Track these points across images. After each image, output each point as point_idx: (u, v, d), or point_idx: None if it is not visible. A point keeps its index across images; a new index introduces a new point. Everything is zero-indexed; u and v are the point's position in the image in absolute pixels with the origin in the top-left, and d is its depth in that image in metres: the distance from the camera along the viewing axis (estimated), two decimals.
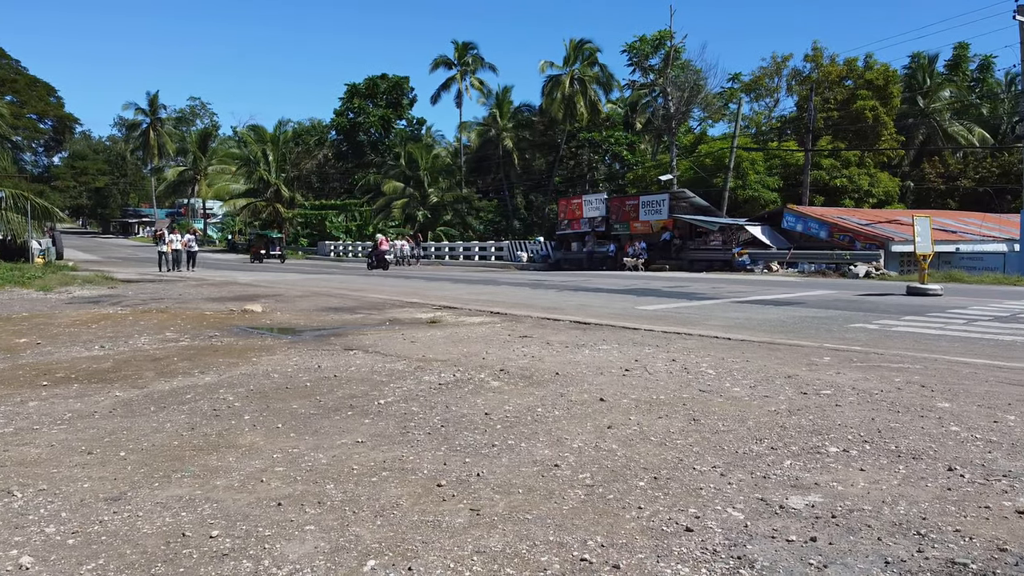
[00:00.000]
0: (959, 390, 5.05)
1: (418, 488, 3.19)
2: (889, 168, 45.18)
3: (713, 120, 54.02)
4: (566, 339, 7.79)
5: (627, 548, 2.56)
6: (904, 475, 3.29)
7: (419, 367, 6.15)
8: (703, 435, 3.97)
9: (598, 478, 3.30)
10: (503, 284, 19.52)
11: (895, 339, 7.97)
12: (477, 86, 59.99)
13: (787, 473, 3.34)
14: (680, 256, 29.62)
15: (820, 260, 24.92)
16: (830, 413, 4.42)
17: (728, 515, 2.85)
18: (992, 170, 44.62)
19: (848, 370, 5.85)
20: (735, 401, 4.78)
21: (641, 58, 46.26)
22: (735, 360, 6.36)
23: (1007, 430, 3.99)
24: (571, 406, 4.69)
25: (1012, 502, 2.93)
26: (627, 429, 4.11)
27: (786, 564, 2.42)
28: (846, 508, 2.90)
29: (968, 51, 51.02)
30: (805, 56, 49.83)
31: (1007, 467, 3.37)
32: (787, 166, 42.91)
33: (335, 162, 65.76)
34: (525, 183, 59.36)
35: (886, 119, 43.14)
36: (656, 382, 5.43)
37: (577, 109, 51.68)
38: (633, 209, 32.26)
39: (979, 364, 6.16)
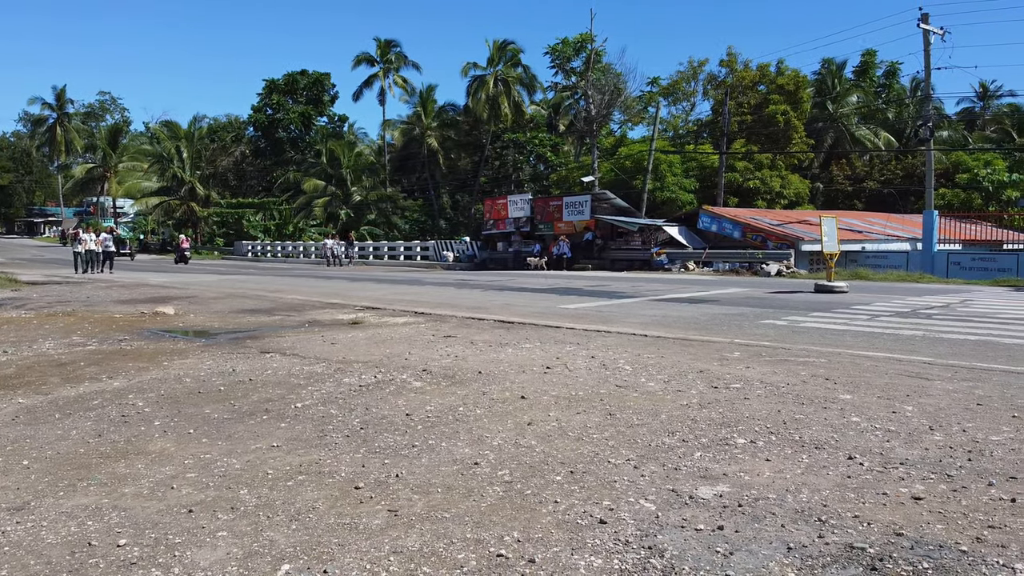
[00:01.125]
0: (861, 382, 5.32)
1: (335, 491, 3.17)
2: (800, 170, 47.09)
3: (633, 123, 55.21)
4: (490, 338, 7.83)
5: (543, 542, 2.61)
6: (807, 464, 3.46)
7: (339, 369, 6.08)
8: (618, 429, 4.07)
9: (517, 474, 3.34)
10: (428, 284, 19.44)
11: (802, 335, 8.34)
12: (400, 84, 59.51)
13: (697, 464, 3.46)
14: (602, 256, 30.13)
15: (734, 259, 25.79)
16: (739, 406, 4.61)
17: (640, 506, 2.94)
18: (897, 172, 47.08)
19: (757, 364, 6.10)
20: (650, 396, 4.92)
21: (563, 60, 46.82)
22: (651, 356, 6.54)
23: (904, 420, 4.24)
24: (493, 404, 4.73)
25: (908, 489, 3.11)
26: (547, 425, 4.18)
27: (694, 552, 2.52)
28: (752, 497, 3.03)
29: (875, 58, 53.64)
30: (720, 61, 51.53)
31: (904, 455, 3.57)
32: (703, 168, 44.22)
33: (253, 159, 64.05)
34: (451, 183, 59.24)
35: (797, 123, 44.96)
36: (576, 379, 5.53)
37: (501, 110, 51.91)
38: (557, 210, 32.64)
39: (880, 358, 6.50)
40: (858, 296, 13.72)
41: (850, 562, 2.43)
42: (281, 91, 59.59)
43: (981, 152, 46.11)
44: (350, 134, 65.97)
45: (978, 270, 23.13)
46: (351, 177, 56.76)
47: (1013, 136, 49.53)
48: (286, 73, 60.39)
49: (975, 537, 2.60)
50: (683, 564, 2.43)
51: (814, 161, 48.64)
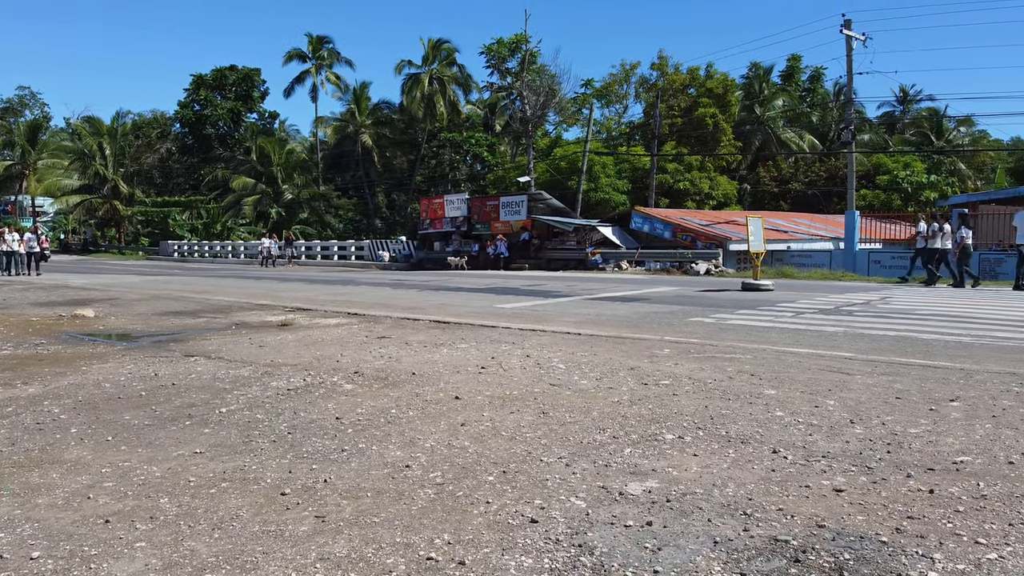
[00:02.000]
0: (785, 378, 5.48)
1: (260, 498, 3.08)
2: (728, 172, 48.36)
3: (568, 124, 55.74)
4: (425, 339, 7.77)
5: (473, 544, 2.59)
6: (733, 459, 3.53)
7: (267, 372, 5.93)
8: (551, 427, 4.08)
9: (448, 476, 3.31)
10: (363, 284, 19.18)
11: (729, 331, 8.54)
12: (333, 81, 58.64)
13: (627, 461, 3.50)
14: (538, 256, 30.32)
15: (665, 259, 26.30)
16: (668, 402, 4.68)
17: (571, 504, 2.95)
18: (820, 174, 48.79)
19: (686, 361, 6.21)
20: (582, 393, 4.96)
21: (499, 61, 46.93)
22: (584, 354, 6.59)
23: (827, 414, 4.37)
24: (426, 406, 4.68)
25: (830, 481, 3.20)
26: (480, 425, 4.16)
27: (623, 549, 2.54)
28: (680, 492, 3.08)
29: (800, 62, 55.50)
30: (652, 64, 52.52)
31: (826, 448, 3.68)
32: (635, 170, 44.98)
33: (179, 156, 62.11)
34: (386, 181, 58.62)
35: (725, 126, 46.17)
36: (510, 378, 5.53)
37: (437, 108, 51.67)
38: (494, 210, 32.68)
39: (804, 353, 6.70)
40: (783, 294, 14.15)
41: (774, 555, 2.48)
42: (209, 87, 57.96)
43: (901, 154, 48.22)
44: (281, 131, 64.56)
45: (898, 268, 24.12)
46: (282, 175, 55.57)
47: (931, 139, 51.97)
48: (214, 68, 58.75)
49: (895, 528, 2.69)
50: (612, 561, 2.44)
51: (742, 163, 50.02)
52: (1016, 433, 3.89)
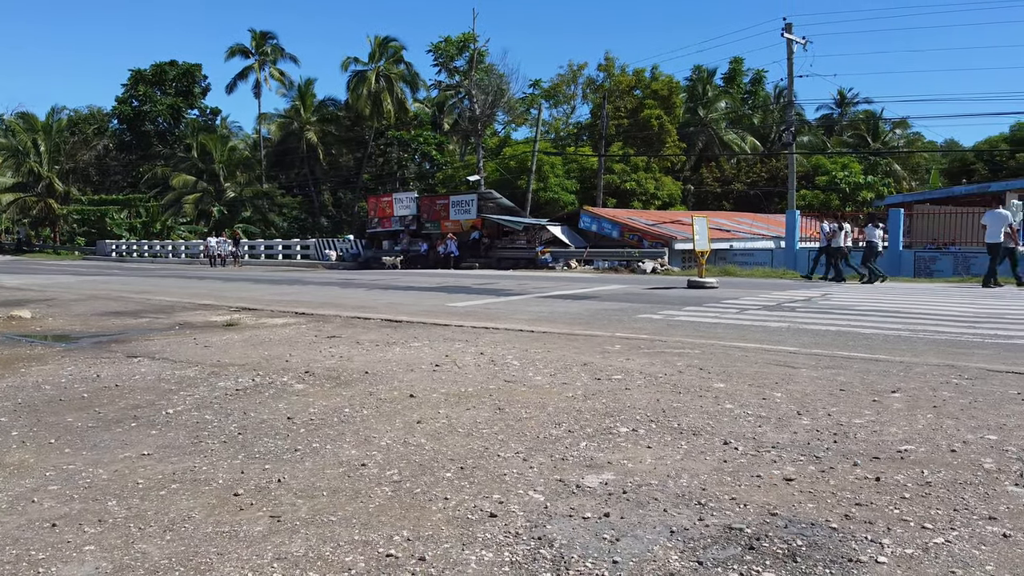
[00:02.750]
0: (733, 372, 5.59)
1: (212, 499, 3.01)
2: (673, 173, 49.17)
3: (516, 124, 55.91)
4: (376, 338, 7.69)
5: (433, 539, 2.58)
6: (686, 450, 3.59)
7: (213, 373, 5.79)
8: (507, 423, 4.09)
9: (406, 473, 3.29)
10: (310, 284, 18.90)
11: (677, 327, 8.69)
12: (277, 77, 57.63)
13: (583, 454, 3.53)
14: (489, 254, 30.33)
15: (613, 257, 26.61)
16: (621, 396, 4.74)
17: (530, 498, 2.96)
18: (762, 175, 49.99)
19: (637, 356, 6.29)
20: (537, 389, 4.98)
21: (447, 59, 46.76)
22: (538, 351, 6.62)
23: (774, 406, 4.48)
24: (380, 404, 4.64)
25: (780, 470, 3.28)
26: (436, 423, 4.14)
27: (582, 540, 2.56)
28: (635, 484, 3.11)
29: (743, 65, 56.72)
30: (599, 65, 53.06)
31: (775, 439, 3.77)
32: (583, 170, 45.39)
33: (117, 154, 60.21)
34: (332, 179, 57.85)
35: (670, 127, 46.93)
36: (465, 375, 5.52)
37: (384, 106, 51.23)
38: (443, 208, 32.55)
39: (750, 348, 6.86)
40: (728, 291, 14.45)
41: (729, 542, 2.53)
42: (149, 82, 56.35)
43: (839, 156, 49.71)
44: (223, 128, 63.13)
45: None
46: (224, 172, 54.38)
47: (868, 141, 53.71)
48: (154, 64, 57.17)
49: (844, 515, 2.77)
50: (572, 552, 2.46)
51: (686, 164, 50.91)
52: (956, 423, 4.04)
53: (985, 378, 5.28)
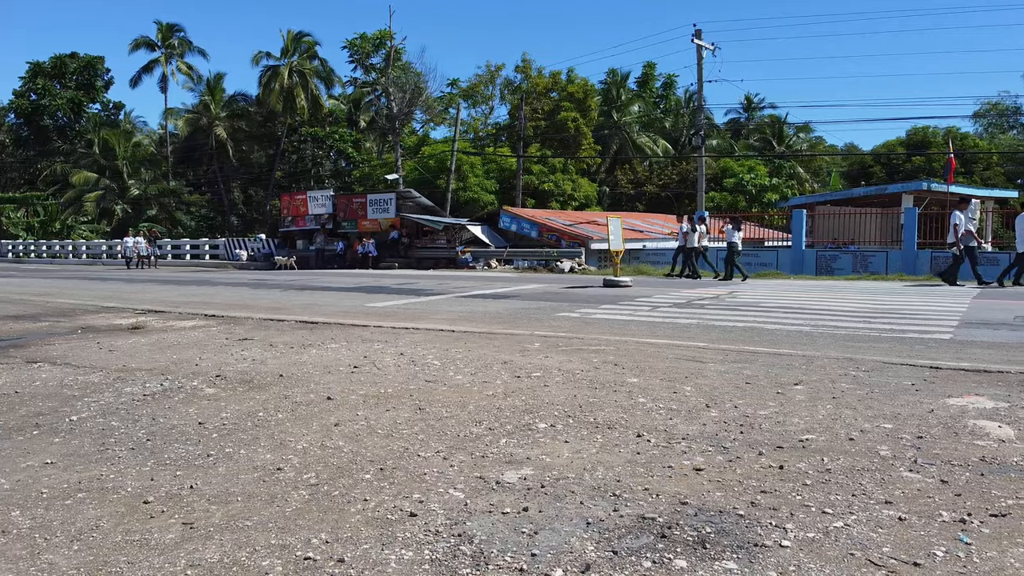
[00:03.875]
0: (646, 367, 5.76)
1: (121, 507, 2.90)
2: (589, 174, 49.99)
3: (435, 123, 55.65)
4: (291, 340, 7.54)
5: (352, 541, 2.57)
6: (602, 444, 3.68)
7: (119, 378, 5.56)
8: (428, 423, 4.10)
9: (324, 476, 3.25)
10: (220, 285, 18.31)
11: (594, 325, 8.87)
12: (185, 71, 55.50)
13: (503, 451, 3.57)
14: (408, 254, 30.12)
15: (532, 257, 26.88)
16: (540, 393, 4.81)
17: (450, 496, 2.98)
18: (673, 177, 51.40)
19: (555, 354, 6.40)
20: (457, 388, 5.00)
21: (363, 56, 46.15)
22: (458, 350, 6.64)
23: (684, 399, 4.64)
24: (296, 407, 4.56)
25: (690, 461, 3.41)
26: (355, 425, 4.11)
27: (502, 535, 2.60)
28: (554, 478, 3.18)
29: (655, 70, 58.09)
30: (516, 67, 53.34)
31: (685, 431, 3.91)
32: (503, 170, 45.61)
33: (13, 149, 56.66)
34: (243, 177, 56.10)
35: (586, 130, 47.68)
36: (385, 376, 5.48)
37: (298, 102, 50.05)
38: (361, 207, 32.10)
39: (661, 344, 7.07)
40: (641, 289, 14.83)
41: (643, 532, 2.62)
42: (48, 75, 53.32)
43: (746, 159, 51.63)
44: (127, 123, 60.31)
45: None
46: (128, 169, 52.01)
47: (773, 144, 55.98)
48: (53, 56, 54.07)
49: (750, 502, 2.90)
50: (491, 548, 2.49)
51: (601, 166, 51.85)
52: (854, 413, 4.29)
53: (881, 370, 5.61)
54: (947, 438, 3.73)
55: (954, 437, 3.74)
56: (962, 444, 3.62)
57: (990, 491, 2.97)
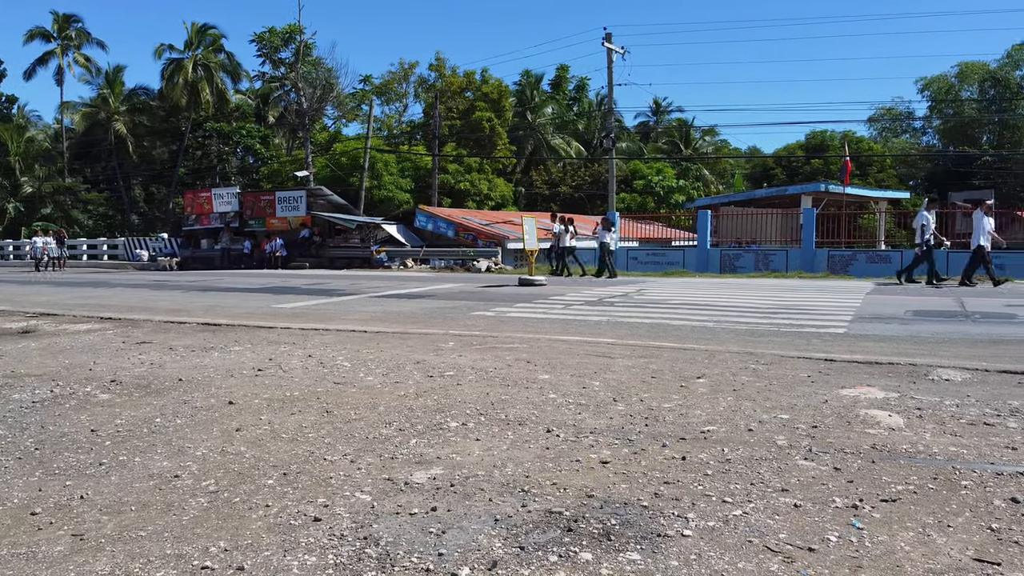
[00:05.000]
0: (557, 363, 5.83)
1: (7, 519, 2.73)
2: (504, 174, 50.26)
3: (347, 120, 54.76)
4: (193, 343, 7.26)
5: (252, 548, 2.49)
6: (512, 440, 3.70)
7: (7, 384, 5.22)
8: (335, 426, 4.02)
9: (224, 483, 3.14)
10: (118, 286, 17.46)
11: (508, 323, 8.92)
12: (83, 63, 52.57)
13: (413, 451, 3.54)
14: (320, 254, 29.49)
15: (449, 256, 26.80)
16: (452, 392, 4.80)
17: (356, 499, 2.93)
18: (586, 178, 52.25)
19: (469, 352, 6.40)
20: (368, 390, 4.93)
21: (271, 50, 44.85)
22: (370, 351, 6.54)
23: (593, 394, 4.72)
24: (196, 412, 4.39)
25: (597, 454, 3.46)
26: (257, 430, 3.99)
27: (409, 536, 2.57)
28: (463, 476, 3.17)
29: (568, 72, 58.86)
30: (430, 65, 53.16)
31: (593, 425, 3.98)
32: (418, 169, 45.30)
33: None
34: (144, 173, 53.62)
35: (501, 130, 47.93)
36: (291, 379, 5.34)
37: (202, 97, 48.24)
38: (269, 205, 31.23)
39: (573, 341, 7.17)
40: (555, 288, 15.01)
41: (550, 526, 2.65)
42: None
43: (654, 161, 53.01)
44: (20, 117, 56.73)
45: (652, 264, 26.54)
46: (21, 166, 48.93)
47: (680, 147, 57.68)
48: None
49: (654, 493, 2.96)
50: (398, 549, 2.46)
51: (517, 166, 52.19)
52: (753, 404, 4.45)
53: (779, 363, 5.86)
54: (840, 427, 3.92)
55: (847, 426, 3.94)
56: (854, 433, 3.81)
57: (881, 478, 3.13)
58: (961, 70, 50.92)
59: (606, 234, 20.01)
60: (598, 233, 20.49)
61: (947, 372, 5.38)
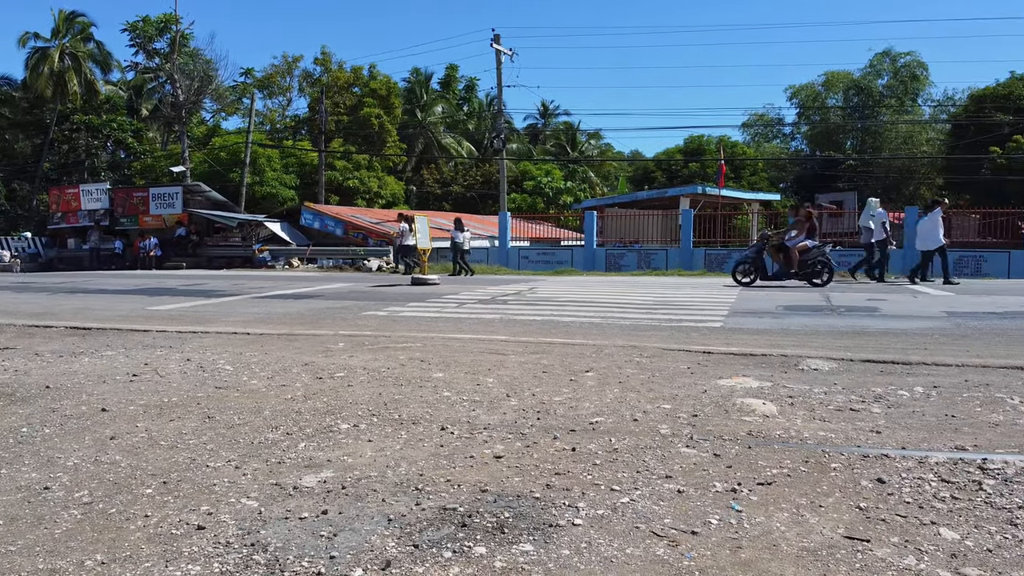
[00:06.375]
0: (451, 361, 5.83)
1: None
2: (395, 173, 49.74)
3: (227, 113, 52.59)
4: (61, 348, 6.79)
5: (132, 560, 2.36)
6: (406, 440, 3.68)
7: None
8: (218, 432, 3.87)
9: (98, 493, 2.97)
10: None
11: (401, 323, 8.84)
12: None
13: (302, 455, 3.46)
14: (198, 253, 28.21)
15: (338, 256, 26.25)
16: (343, 393, 4.71)
17: (243, 505, 2.83)
18: (477, 178, 52.49)
19: (360, 353, 6.30)
20: (252, 393, 4.76)
21: (145, 40, 42.51)
22: (254, 354, 6.32)
23: (487, 390, 4.76)
24: (66, 421, 4.11)
25: (491, 449, 3.50)
26: (134, 437, 3.78)
27: (299, 541, 2.51)
28: (355, 478, 3.13)
29: (457, 72, 58.90)
30: (315, 59, 51.88)
31: (487, 421, 4.01)
32: (303, 165, 44.11)
33: None
34: (5, 169, 49.50)
35: (390, 127, 47.37)
36: (169, 384, 5.09)
37: (70, 87, 45.01)
38: (143, 202, 29.60)
39: (467, 339, 7.19)
40: (448, 287, 15.00)
41: (444, 523, 2.65)
42: None
43: (543, 163, 53.88)
44: None
45: (542, 263, 27.00)
46: None
47: (567, 150, 58.88)
48: None
49: (545, 484, 3.02)
50: (287, 554, 2.40)
51: (408, 165, 51.79)
52: (638, 395, 4.62)
53: (661, 356, 6.10)
54: (719, 416, 4.13)
55: (725, 415, 4.15)
56: (732, 421, 4.02)
57: (757, 462, 3.31)
58: (827, 79, 54.36)
59: (459, 234, 20.61)
60: (451, 233, 21.06)
61: (816, 362, 5.76)
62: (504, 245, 28.71)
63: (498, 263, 26.85)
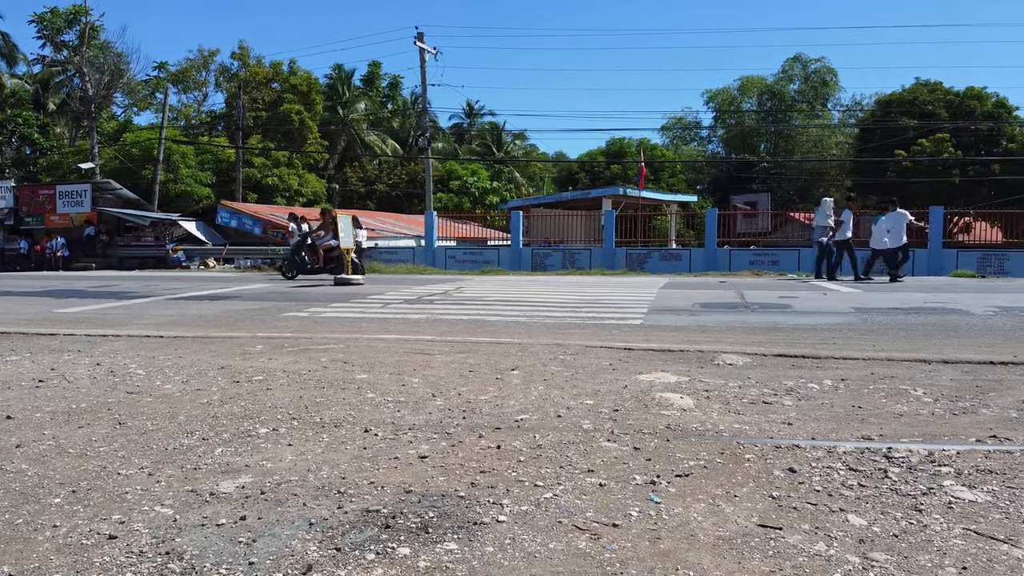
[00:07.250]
0: (376, 362, 5.77)
1: None
2: (316, 170, 48.80)
3: (139, 108, 50.55)
4: None
5: (40, 571, 2.26)
6: (328, 443, 3.63)
7: None
8: (130, 438, 3.72)
9: (3, 504, 2.82)
10: None
11: (323, 324, 8.69)
12: None
13: (219, 460, 3.36)
14: (108, 253, 27.04)
15: (257, 255, 25.59)
16: (261, 397, 4.60)
17: (157, 513, 2.74)
18: (403, 177, 52.02)
19: (280, 355, 6.16)
20: (166, 398, 4.60)
21: (53, 32, 40.43)
22: (167, 357, 6.11)
23: (412, 391, 4.73)
24: None
25: (416, 450, 3.48)
26: (41, 445, 3.60)
27: (216, 547, 2.45)
28: (275, 483, 3.06)
29: (381, 69, 58.20)
30: (233, 54, 50.45)
31: (412, 421, 3.99)
32: (220, 162, 42.81)
33: None
34: None
35: (311, 124, 46.45)
36: (77, 390, 4.87)
37: None
38: (49, 200, 28.18)
39: (392, 339, 7.13)
40: (373, 287, 14.83)
41: (367, 525, 2.63)
42: None
43: (469, 162, 53.84)
44: None
45: (469, 262, 27.00)
46: None
47: (493, 150, 59.00)
48: None
49: (471, 483, 3.03)
50: (204, 562, 2.34)
51: (330, 162, 50.89)
52: (562, 392, 4.68)
53: (584, 353, 6.20)
54: (639, 410, 4.22)
55: (644, 409, 4.25)
56: (651, 415, 4.12)
57: (675, 455, 3.41)
58: (742, 83, 56.23)
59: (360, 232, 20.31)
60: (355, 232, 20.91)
61: (730, 357, 5.97)
62: (431, 245, 28.58)
63: (424, 263, 26.70)
